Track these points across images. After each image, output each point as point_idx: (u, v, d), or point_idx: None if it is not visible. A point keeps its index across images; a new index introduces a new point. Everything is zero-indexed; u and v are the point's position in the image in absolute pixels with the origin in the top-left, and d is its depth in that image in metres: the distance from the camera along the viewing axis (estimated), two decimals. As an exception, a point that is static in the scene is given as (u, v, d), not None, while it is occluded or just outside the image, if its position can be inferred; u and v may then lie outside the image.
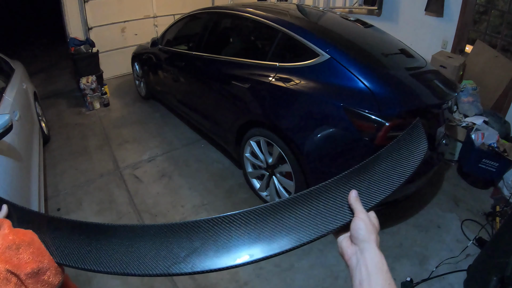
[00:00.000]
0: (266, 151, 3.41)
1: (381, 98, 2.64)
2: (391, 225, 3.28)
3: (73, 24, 7.58)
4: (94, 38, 7.46)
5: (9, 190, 2.67)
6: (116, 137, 5.53)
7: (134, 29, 8.46)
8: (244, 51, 4.09)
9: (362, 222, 0.76)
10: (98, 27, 7.90)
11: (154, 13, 8.61)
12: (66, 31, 7.63)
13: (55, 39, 13.28)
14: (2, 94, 3.92)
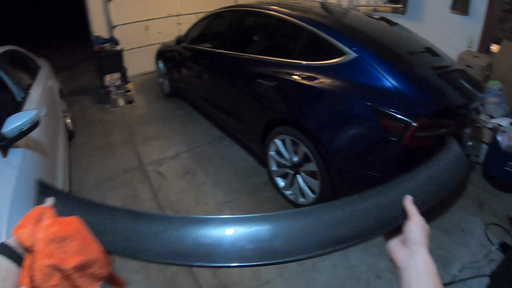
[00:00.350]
0: (291, 150, 3.40)
1: (409, 97, 2.62)
2: None
3: (97, 23, 7.71)
4: (118, 36, 7.53)
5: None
6: (140, 134, 5.59)
7: (157, 28, 8.55)
8: (270, 49, 4.09)
9: (417, 225, 0.79)
10: (122, 26, 8.01)
11: (177, 12, 8.69)
12: (90, 30, 7.75)
13: (79, 37, 13.47)
14: (29, 90, 3.98)
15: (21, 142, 2.84)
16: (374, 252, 2.97)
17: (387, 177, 2.58)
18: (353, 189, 2.94)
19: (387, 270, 2.82)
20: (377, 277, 2.77)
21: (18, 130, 2.70)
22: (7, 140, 2.67)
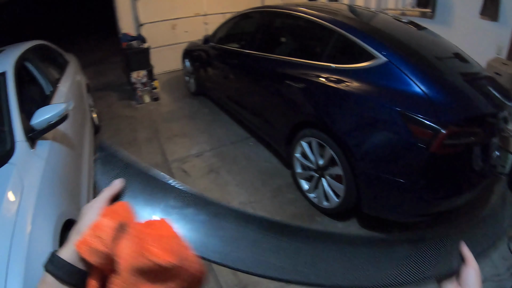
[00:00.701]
0: (317, 153, 3.35)
1: (438, 104, 2.56)
2: None
3: (125, 20, 7.81)
4: (145, 34, 7.59)
5: (61, 175, 2.74)
6: (165, 131, 5.60)
7: (184, 27, 8.58)
8: (298, 50, 4.05)
9: (475, 270, 0.79)
10: (150, 24, 8.09)
11: (204, 11, 8.70)
12: (118, 27, 7.87)
13: (107, 34, 13.62)
14: (57, 84, 4.02)
15: (49, 134, 2.87)
16: (395, 259, 2.89)
17: (413, 184, 2.53)
18: (378, 194, 2.89)
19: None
20: None
21: (47, 122, 2.74)
22: (36, 132, 2.71)
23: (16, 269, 1.69)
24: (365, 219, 3.30)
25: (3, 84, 2.94)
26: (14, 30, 13.05)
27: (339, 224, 3.33)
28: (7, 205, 1.99)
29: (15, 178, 2.20)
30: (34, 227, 1.96)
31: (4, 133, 2.57)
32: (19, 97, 2.94)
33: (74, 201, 2.76)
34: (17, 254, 1.76)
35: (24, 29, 13.37)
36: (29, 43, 4.25)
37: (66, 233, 2.23)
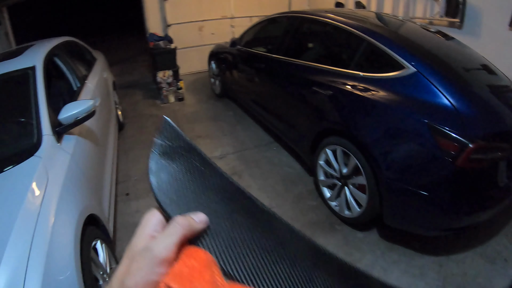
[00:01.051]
0: (342, 161, 3.29)
1: (466, 117, 2.50)
2: (457, 252, 3.05)
3: (152, 21, 7.92)
4: (172, 34, 7.64)
5: (86, 170, 2.76)
6: (188, 131, 5.60)
7: (211, 29, 8.63)
8: (326, 57, 4.00)
9: None
10: (177, 25, 8.17)
11: (231, 14, 8.73)
12: (145, 27, 8.00)
13: (134, 33, 13.79)
14: (85, 81, 4.06)
15: (75, 129, 2.90)
16: (414, 274, 2.82)
17: (437, 198, 2.46)
18: (401, 206, 2.82)
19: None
20: None
21: (74, 118, 2.78)
22: (63, 126, 2.74)
23: (37, 260, 1.70)
24: (385, 230, 3.23)
25: (32, 78, 2.98)
26: (44, 26, 13.28)
27: (359, 234, 3.26)
28: (31, 197, 2.00)
29: (40, 171, 2.21)
30: (57, 220, 1.98)
31: (31, 126, 2.60)
32: (48, 91, 2.97)
33: (97, 197, 2.78)
34: (39, 246, 1.76)
35: (54, 26, 13.60)
36: (59, 39, 4.31)
37: (87, 228, 2.25)
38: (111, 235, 2.90)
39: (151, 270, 0.41)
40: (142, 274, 0.41)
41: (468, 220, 2.72)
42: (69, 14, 16.80)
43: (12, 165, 2.25)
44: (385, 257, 2.97)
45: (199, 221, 0.46)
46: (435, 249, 3.03)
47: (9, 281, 1.58)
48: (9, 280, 1.58)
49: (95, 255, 2.28)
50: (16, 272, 1.62)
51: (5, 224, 1.81)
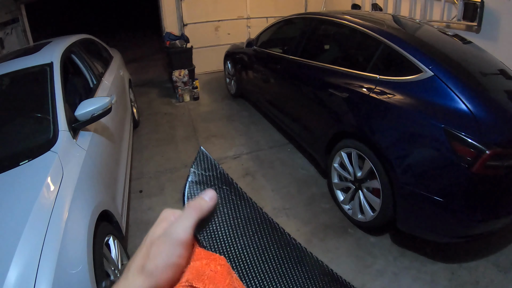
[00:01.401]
0: (356, 164, 3.27)
1: (483, 122, 2.46)
2: (470, 260, 3.00)
3: (169, 20, 7.98)
4: (189, 34, 7.68)
5: (100, 166, 2.78)
6: (203, 130, 5.63)
7: (227, 29, 8.66)
8: (342, 59, 3.98)
9: None
10: (193, 24, 8.22)
11: (247, 15, 8.73)
12: (162, 26, 8.06)
13: (149, 32, 13.88)
14: (102, 78, 4.10)
15: (91, 126, 2.93)
16: (425, 280, 2.78)
17: (451, 204, 2.42)
18: (415, 212, 2.79)
19: None
20: None
21: (90, 114, 2.80)
22: (79, 123, 2.77)
23: (49, 254, 1.71)
24: (399, 235, 3.19)
25: (49, 74, 3.01)
26: (61, 24, 13.43)
27: (371, 238, 3.23)
28: (46, 191, 2.02)
29: (56, 166, 2.23)
30: (71, 215, 1.99)
31: (48, 121, 2.62)
32: (64, 87, 3.00)
33: (110, 193, 2.80)
34: (52, 240, 1.78)
35: (71, 24, 13.75)
36: (76, 36, 4.35)
37: (100, 224, 2.27)
38: (123, 232, 2.92)
39: (171, 253, 0.45)
40: (162, 257, 0.44)
41: (482, 228, 2.67)
42: (86, 13, 16.96)
43: (28, 159, 2.27)
44: (397, 262, 2.94)
45: (209, 199, 0.51)
46: (447, 256, 2.99)
47: (22, 274, 1.60)
48: (21, 273, 1.60)
49: (107, 251, 2.29)
50: (29, 265, 1.63)
51: (19, 217, 1.83)
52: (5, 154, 2.49)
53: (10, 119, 2.94)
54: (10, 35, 7.40)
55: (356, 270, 2.88)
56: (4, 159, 2.39)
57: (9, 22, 7.42)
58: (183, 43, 7.21)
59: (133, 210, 3.77)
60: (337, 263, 2.95)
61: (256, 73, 5.65)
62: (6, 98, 3.22)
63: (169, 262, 0.44)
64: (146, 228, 3.59)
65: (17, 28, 7.55)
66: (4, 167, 2.23)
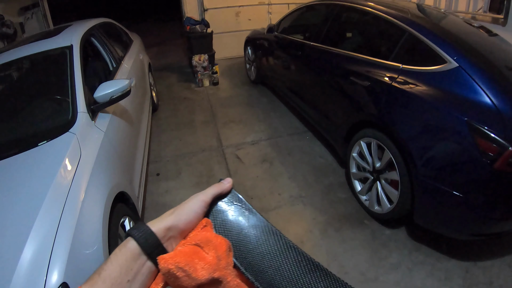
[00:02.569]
0: (376, 155, 3.21)
1: (508, 117, 2.36)
2: (485, 259, 2.92)
3: (189, 5, 7.98)
4: (209, 19, 7.66)
5: (118, 148, 2.80)
6: (222, 116, 5.64)
7: (248, 14, 8.61)
8: (364, 47, 3.89)
9: None
10: (214, 9, 8.20)
11: (269, 1, 8.65)
12: (182, 11, 8.06)
13: (169, 16, 13.90)
14: (121, 61, 4.12)
15: (110, 108, 2.95)
16: (439, 277, 2.72)
17: (471, 200, 2.36)
18: (433, 206, 2.72)
19: None
20: None
21: (109, 97, 2.82)
22: (98, 104, 2.79)
23: (65, 233, 1.73)
24: (415, 229, 3.14)
25: (69, 57, 3.03)
26: (81, 8, 13.51)
27: (387, 231, 3.18)
28: (63, 171, 2.04)
29: (74, 147, 2.25)
30: (87, 195, 2.01)
31: (67, 103, 2.64)
32: (84, 70, 3.02)
33: (128, 175, 2.82)
34: (67, 219, 1.80)
35: (91, 8, 13.83)
36: (96, 20, 4.38)
37: (117, 205, 2.29)
38: (139, 214, 2.93)
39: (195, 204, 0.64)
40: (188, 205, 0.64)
41: (501, 227, 2.59)
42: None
43: (46, 140, 2.29)
44: (412, 257, 2.89)
45: (227, 182, 0.71)
46: (462, 253, 2.92)
47: (37, 252, 1.61)
48: (36, 251, 1.61)
49: (122, 232, 2.30)
50: (44, 244, 1.64)
51: (37, 197, 1.85)
52: (25, 134, 2.52)
53: (30, 100, 2.97)
54: (30, 20, 7.50)
55: (370, 262, 2.85)
56: (23, 139, 2.43)
57: (30, 7, 7.52)
58: (203, 28, 7.20)
59: (150, 193, 3.79)
60: (351, 254, 2.93)
61: (277, 59, 5.61)
62: (26, 80, 3.26)
63: (191, 209, 0.64)
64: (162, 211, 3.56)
65: (38, 13, 7.64)
66: (23, 147, 2.26)
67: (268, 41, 5.94)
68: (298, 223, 3.30)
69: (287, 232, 3.17)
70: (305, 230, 3.20)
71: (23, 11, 7.38)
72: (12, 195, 1.90)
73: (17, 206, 1.82)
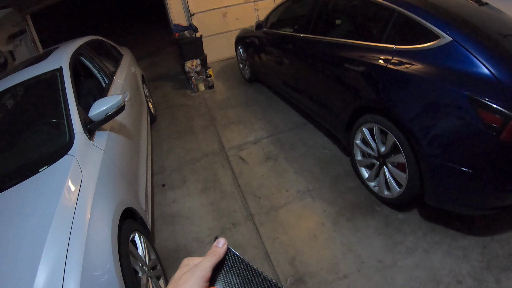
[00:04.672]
0: (379, 139, 3.18)
1: (509, 87, 2.31)
2: (501, 233, 2.89)
3: (175, 11, 7.97)
4: (197, 23, 7.68)
5: (119, 164, 2.78)
6: (221, 118, 5.62)
7: (235, 14, 8.58)
8: (355, 32, 3.85)
9: None
10: (200, 13, 8.18)
11: (254, -3, 8.60)
12: (169, 18, 8.05)
13: (157, 26, 13.93)
14: (113, 77, 4.12)
15: (107, 125, 2.95)
16: (457, 255, 2.70)
17: (480, 174, 2.32)
18: (443, 185, 2.68)
19: (469, 275, 2.54)
20: (458, 283, 2.51)
21: (104, 114, 2.82)
22: (94, 123, 2.79)
23: (75, 257, 1.73)
24: (427, 210, 3.12)
25: (60, 79, 3.04)
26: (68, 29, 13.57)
27: (399, 215, 3.15)
28: (67, 194, 2.03)
29: (74, 169, 2.24)
30: (93, 215, 2.00)
31: (63, 125, 2.64)
32: (77, 90, 3.02)
33: (132, 190, 2.80)
34: (76, 242, 1.79)
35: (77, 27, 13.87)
36: (83, 39, 4.37)
37: (124, 221, 2.29)
38: (149, 227, 2.93)
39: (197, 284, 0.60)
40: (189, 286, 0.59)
41: None
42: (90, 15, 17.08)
43: (46, 165, 2.29)
44: (427, 238, 2.86)
45: (221, 245, 0.67)
46: (478, 229, 2.89)
47: (49, 278, 1.60)
48: (48, 277, 1.61)
49: (133, 247, 2.29)
50: (55, 269, 1.64)
51: (43, 222, 1.84)
52: (24, 162, 2.51)
53: (26, 127, 2.96)
54: (19, 47, 7.53)
55: (386, 249, 2.82)
56: (24, 167, 2.42)
57: (17, 34, 7.55)
58: (192, 33, 7.20)
59: (158, 205, 3.78)
60: (366, 243, 2.90)
61: (269, 55, 5.57)
62: (20, 107, 3.27)
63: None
64: (172, 221, 3.71)
65: (26, 39, 7.68)
66: (24, 175, 2.26)
67: (258, 38, 5.91)
68: (309, 217, 3.28)
69: (299, 228, 3.17)
70: (316, 224, 3.17)
71: (11, 39, 7.41)
72: (19, 225, 1.90)
73: (24, 235, 1.81)
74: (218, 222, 3.39)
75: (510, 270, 2.57)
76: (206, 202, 3.69)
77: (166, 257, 3.08)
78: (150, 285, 2.31)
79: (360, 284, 2.60)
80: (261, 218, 3.34)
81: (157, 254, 2.79)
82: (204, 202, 3.70)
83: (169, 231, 3.39)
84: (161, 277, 2.66)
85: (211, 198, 3.73)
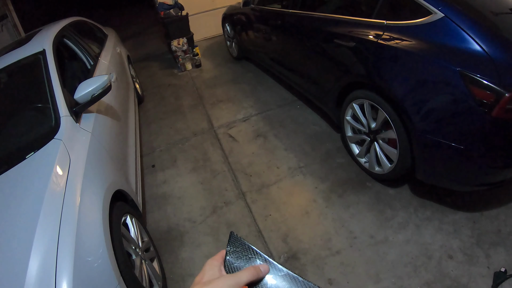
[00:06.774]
0: (370, 115, 3.17)
1: (500, 64, 2.29)
2: (490, 208, 2.93)
3: None
4: (182, 1, 7.48)
5: (108, 146, 2.75)
6: (209, 97, 5.57)
7: (221, -9, 8.37)
8: (345, 7, 3.79)
9: None
10: (186, -9, 7.94)
11: (240, -27, 8.44)
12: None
13: (142, 5, 13.70)
14: (98, 58, 4.05)
15: (93, 107, 2.90)
16: (448, 231, 2.74)
17: (471, 150, 2.32)
18: (434, 160, 2.69)
19: (459, 250, 2.58)
20: (449, 258, 2.55)
21: (90, 95, 2.77)
22: (80, 105, 2.73)
23: (67, 242, 1.71)
24: (418, 185, 3.14)
25: (43, 62, 2.97)
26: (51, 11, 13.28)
27: (390, 191, 3.17)
28: (55, 179, 2.00)
29: (62, 153, 2.20)
30: (83, 199, 1.98)
31: (48, 109, 2.58)
32: (61, 73, 2.96)
33: (122, 172, 2.78)
34: (67, 228, 1.77)
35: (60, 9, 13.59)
36: (66, 20, 4.28)
37: (115, 204, 2.28)
38: (140, 208, 2.92)
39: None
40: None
41: (504, 175, 2.57)
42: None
43: (33, 151, 2.25)
44: (418, 214, 2.90)
45: (263, 271, 0.66)
46: (468, 205, 2.93)
47: (41, 266, 1.59)
48: (41, 265, 1.59)
49: (125, 230, 2.28)
50: (47, 257, 1.62)
51: (32, 210, 1.82)
52: (11, 149, 2.46)
53: (12, 113, 2.90)
54: (1, 32, 7.36)
55: (377, 224, 2.85)
56: (10, 154, 2.37)
57: (-2, 20, 7.38)
58: (177, 12, 7.07)
59: (148, 186, 3.77)
60: (358, 218, 2.93)
61: (257, 32, 5.50)
62: (4, 93, 3.18)
63: None
64: (163, 202, 3.70)
65: (7, 24, 7.51)
66: (11, 163, 2.21)
67: (245, 15, 5.82)
68: (301, 194, 3.28)
69: (291, 205, 3.18)
70: (308, 200, 3.19)
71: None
72: (8, 213, 1.87)
73: (14, 225, 1.79)
74: (210, 201, 3.39)
75: (499, 246, 2.62)
76: (197, 182, 3.68)
77: (158, 238, 3.08)
78: (144, 268, 2.31)
79: (353, 259, 2.63)
80: (252, 196, 3.35)
81: (150, 236, 2.79)
82: (194, 181, 3.70)
83: (160, 212, 3.38)
84: (155, 259, 2.66)
85: (201, 177, 3.72)
